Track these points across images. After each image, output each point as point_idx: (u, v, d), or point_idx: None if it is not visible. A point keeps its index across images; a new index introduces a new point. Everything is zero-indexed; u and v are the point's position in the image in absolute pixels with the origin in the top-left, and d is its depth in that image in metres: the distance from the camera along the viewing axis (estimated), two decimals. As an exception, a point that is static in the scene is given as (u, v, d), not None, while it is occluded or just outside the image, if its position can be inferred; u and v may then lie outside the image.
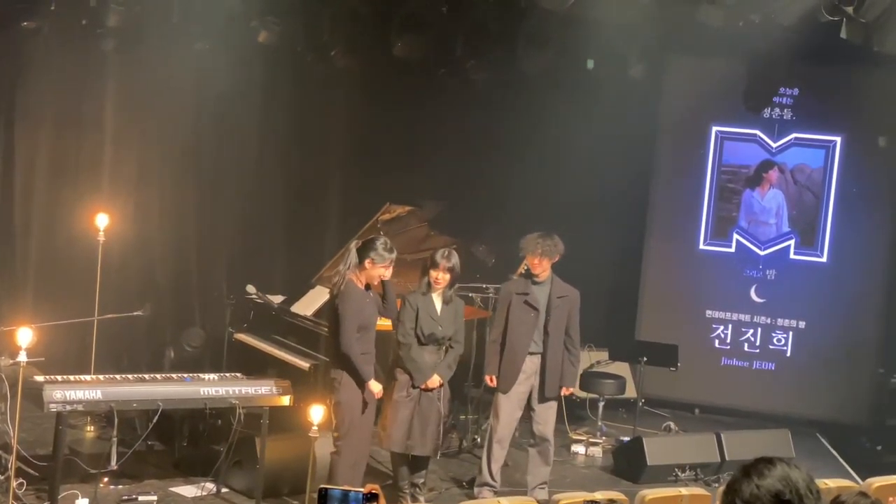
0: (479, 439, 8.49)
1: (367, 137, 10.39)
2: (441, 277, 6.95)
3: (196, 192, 9.80)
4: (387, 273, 6.69)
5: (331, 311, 6.74)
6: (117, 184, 9.28)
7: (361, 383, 6.58)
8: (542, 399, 7.36)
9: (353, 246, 6.71)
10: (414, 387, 6.92)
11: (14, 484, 6.30)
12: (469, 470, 8.00)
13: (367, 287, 6.68)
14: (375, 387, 6.64)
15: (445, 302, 7.04)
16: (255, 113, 9.82)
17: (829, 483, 5.75)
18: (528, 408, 7.40)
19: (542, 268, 7.31)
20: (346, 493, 2.95)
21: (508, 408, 7.34)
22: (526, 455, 7.61)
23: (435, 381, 6.92)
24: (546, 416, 7.41)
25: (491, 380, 7.40)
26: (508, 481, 7.68)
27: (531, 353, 7.33)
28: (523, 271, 7.39)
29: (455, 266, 7.00)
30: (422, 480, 7.17)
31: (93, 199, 8.86)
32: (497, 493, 7.21)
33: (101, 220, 8.00)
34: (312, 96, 9.98)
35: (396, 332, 7.05)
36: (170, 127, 9.48)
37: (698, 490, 6.29)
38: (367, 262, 6.60)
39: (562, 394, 7.46)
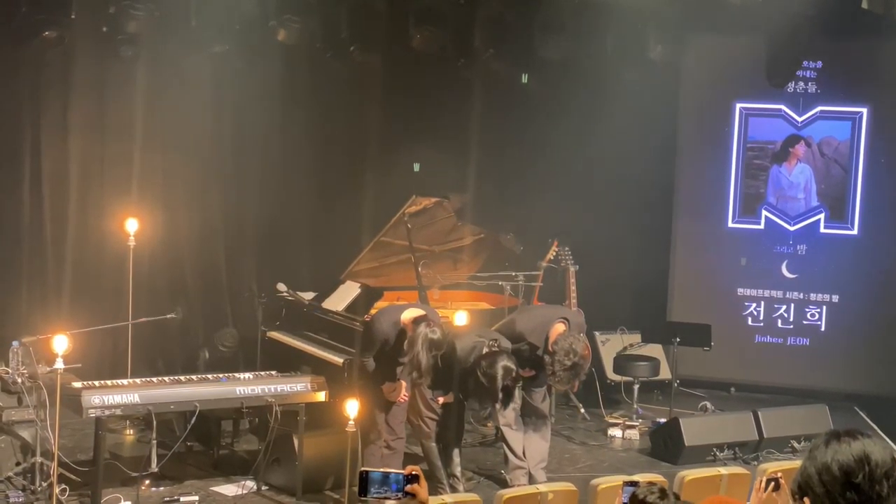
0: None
1: (389, 131, 10.39)
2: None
3: (222, 193, 9.85)
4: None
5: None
6: (144, 188, 9.33)
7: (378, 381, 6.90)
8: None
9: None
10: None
11: (57, 490, 6.38)
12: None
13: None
14: (387, 388, 6.87)
15: None
16: (276, 111, 9.84)
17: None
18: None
19: None
20: (386, 475, 2.91)
21: None
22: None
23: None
24: (537, 393, 7.40)
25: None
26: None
27: None
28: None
29: None
30: (458, 470, 7.19)
31: (121, 204, 8.92)
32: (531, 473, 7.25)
33: (131, 225, 8.08)
34: (333, 92, 9.99)
35: None
36: (193, 129, 9.52)
37: (737, 469, 6.30)
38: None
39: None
